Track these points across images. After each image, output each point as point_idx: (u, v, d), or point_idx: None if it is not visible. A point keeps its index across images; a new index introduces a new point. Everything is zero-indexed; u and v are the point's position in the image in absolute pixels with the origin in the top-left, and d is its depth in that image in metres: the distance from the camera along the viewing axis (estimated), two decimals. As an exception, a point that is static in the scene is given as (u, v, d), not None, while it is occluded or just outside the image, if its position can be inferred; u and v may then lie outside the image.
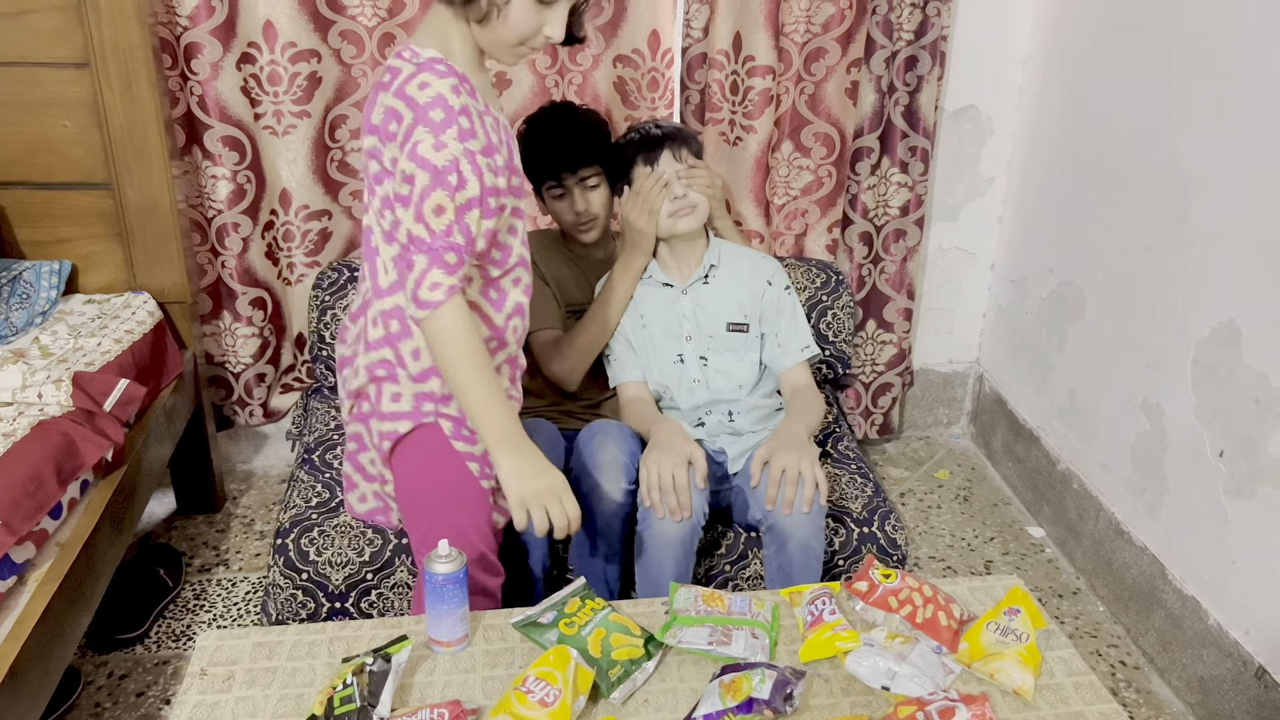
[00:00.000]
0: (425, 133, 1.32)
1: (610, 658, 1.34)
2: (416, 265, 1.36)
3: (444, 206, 1.34)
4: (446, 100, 1.33)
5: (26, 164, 2.16)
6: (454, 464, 1.52)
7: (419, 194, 1.33)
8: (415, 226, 1.35)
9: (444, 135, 1.32)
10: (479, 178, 1.36)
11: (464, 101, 1.35)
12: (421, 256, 1.35)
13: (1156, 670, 2.12)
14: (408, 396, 1.50)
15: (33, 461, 1.66)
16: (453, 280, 1.37)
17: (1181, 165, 2.05)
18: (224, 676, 1.36)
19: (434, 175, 1.33)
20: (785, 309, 1.98)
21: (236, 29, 2.24)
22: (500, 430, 1.43)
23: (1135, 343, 2.20)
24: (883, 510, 1.97)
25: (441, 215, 1.34)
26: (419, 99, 1.33)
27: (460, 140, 1.33)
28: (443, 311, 1.37)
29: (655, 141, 1.90)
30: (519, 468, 1.43)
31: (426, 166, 1.32)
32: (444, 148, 1.32)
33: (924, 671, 1.32)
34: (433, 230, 1.34)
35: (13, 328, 2.05)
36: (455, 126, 1.33)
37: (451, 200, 1.34)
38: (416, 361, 1.48)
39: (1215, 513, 1.95)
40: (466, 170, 1.34)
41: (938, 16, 2.42)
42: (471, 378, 1.41)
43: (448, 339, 1.39)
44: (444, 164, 1.33)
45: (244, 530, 2.51)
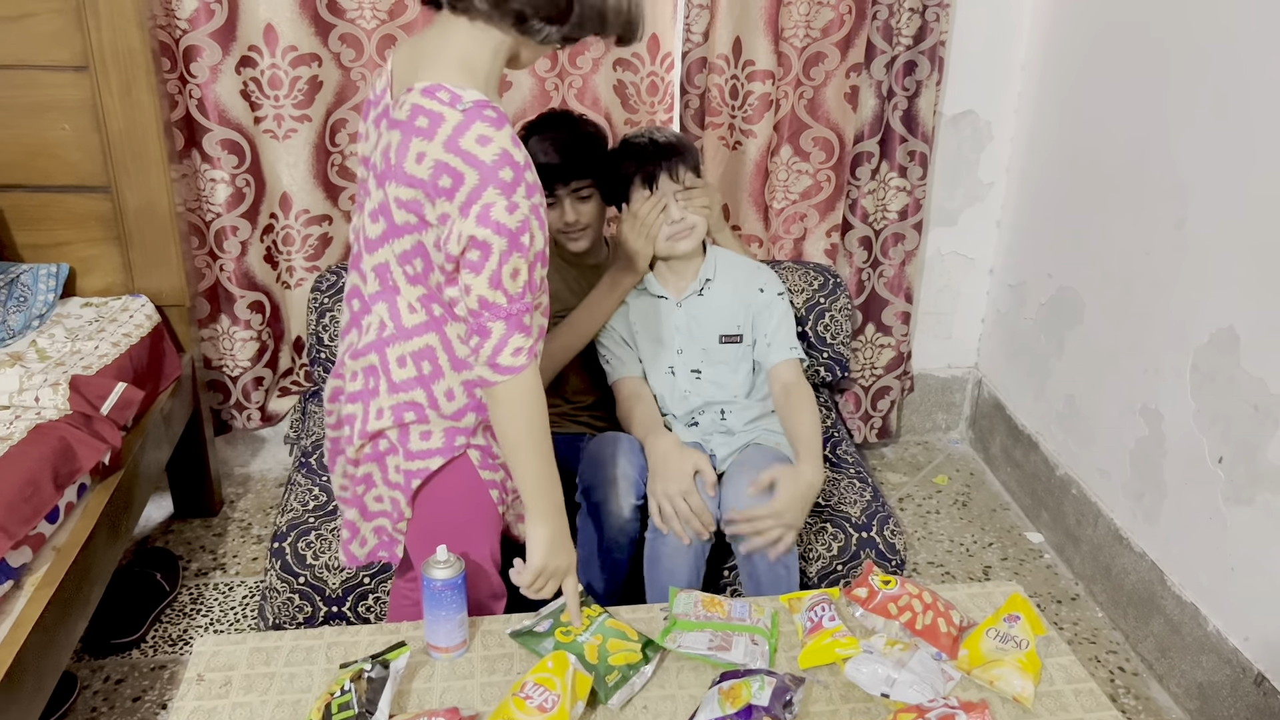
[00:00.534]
0: (497, 195, 1.23)
1: (607, 663, 1.34)
2: (494, 332, 1.29)
3: (520, 270, 1.27)
4: (512, 156, 1.24)
5: (25, 167, 2.16)
6: (478, 493, 1.47)
7: (497, 260, 1.25)
8: (492, 294, 1.27)
9: (515, 195, 1.24)
10: (544, 230, 1.30)
11: (525, 154, 1.27)
12: (499, 323, 1.29)
13: (1155, 676, 2.12)
14: (439, 434, 1.43)
15: (29, 465, 1.65)
16: (531, 341, 1.32)
17: (1180, 170, 2.05)
18: (221, 682, 1.35)
19: (510, 240, 1.25)
20: (776, 312, 1.98)
21: (236, 32, 2.24)
22: (549, 504, 1.41)
23: (1134, 348, 2.20)
24: (881, 515, 1.97)
25: (518, 278, 1.27)
26: (483, 156, 1.22)
27: (528, 197, 1.26)
28: (525, 377, 1.32)
29: (653, 161, 1.88)
30: (552, 542, 1.41)
31: (502, 232, 1.24)
32: (517, 209, 1.24)
33: (923, 678, 1.32)
34: (511, 295, 1.28)
35: (10, 331, 2.04)
36: (524, 184, 1.25)
37: (526, 260, 1.27)
38: (451, 402, 1.42)
39: (1214, 519, 1.95)
40: (535, 226, 1.27)
41: (936, 22, 2.43)
42: (535, 449, 1.38)
43: (522, 407, 1.35)
44: (517, 226, 1.25)
45: (241, 534, 2.51)
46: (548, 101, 2.40)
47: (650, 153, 1.90)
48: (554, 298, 2.04)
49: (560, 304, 2.05)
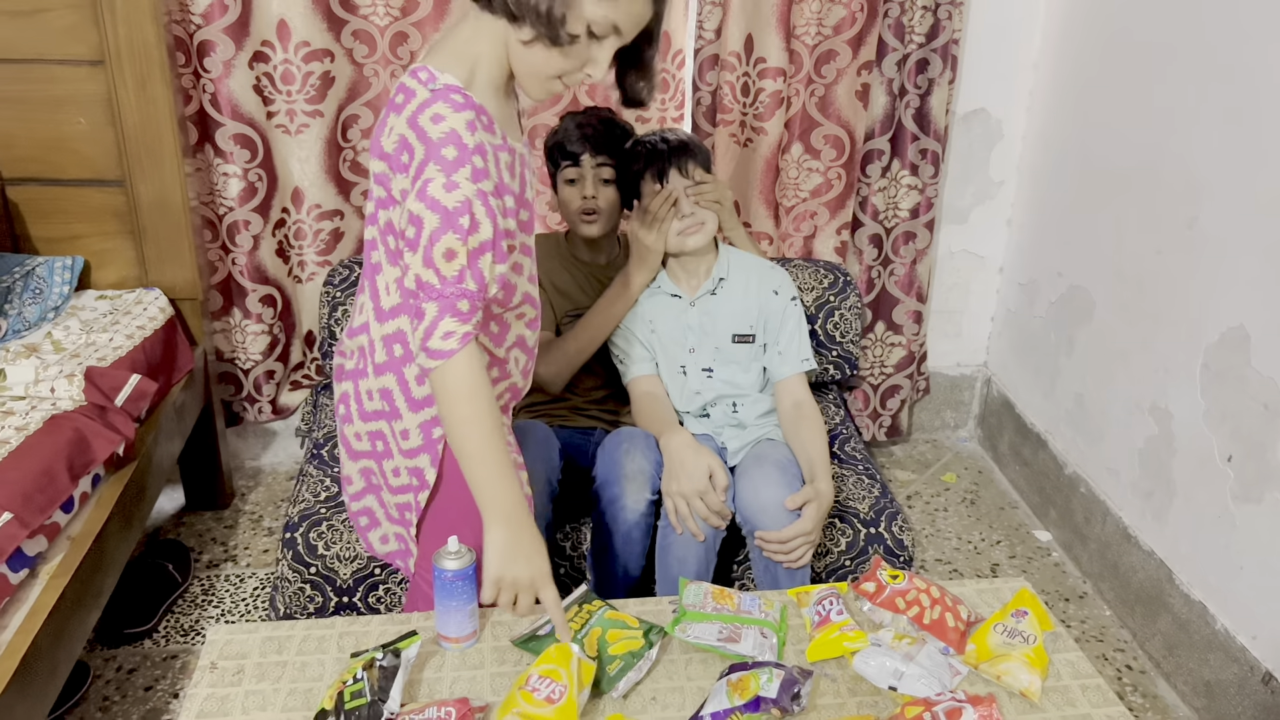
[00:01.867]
0: (437, 170, 1.23)
1: (608, 653, 1.34)
2: (427, 313, 1.27)
3: (455, 251, 1.25)
4: (461, 137, 1.24)
5: (41, 161, 2.18)
6: (460, 484, 1.45)
7: (428, 237, 1.24)
8: (425, 271, 1.26)
9: (456, 175, 1.23)
10: (492, 220, 1.27)
11: (480, 138, 1.26)
12: (432, 304, 1.26)
13: (1163, 674, 2.12)
14: (414, 430, 1.43)
15: (45, 455, 1.67)
16: (467, 328, 1.28)
17: (1191, 170, 2.05)
18: (234, 670, 1.36)
19: (444, 217, 1.24)
20: (790, 319, 1.99)
21: (250, 27, 2.25)
22: (501, 502, 1.34)
23: (1144, 347, 2.20)
24: (890, 511, 1.98)
25: (453, 260, 1.25)
26: (431, 133, 1.24)
27: (474, 180, 1.24)
28: (455, 362, 1.28)
29: (663, 158, 1.90)
30: (509, 547, 1.34)
31: (436, 208, 1.24)
32: (456, 188, 1.23)
33: (931, 672, 1.33)
34: (444, 276, 1.25)
35: (26, 322, 2.06)
36: (469, 166, 1.24)
37: (464, 244, 1.25)
38: (420, 387, 1.41)
39: (1223, 517, 1.95)
40: (480, 213, 1.26)
41: (949, 20, 2.43)
42: (480, 442, 1.32)
43: (459, 394, 1.30)
44: (455, 205, 1.24)
45: (252, 526, 2.52)
46: (558, 99, 2.41)
47: (660, 150, 1.91)
48: (566, 297, 2.06)
49: (572, 304, 2.06)
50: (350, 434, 1.51)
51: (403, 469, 1.47)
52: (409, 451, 1.45)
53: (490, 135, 1.30)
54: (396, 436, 1.45)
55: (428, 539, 1.53)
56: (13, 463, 1.62)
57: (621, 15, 1.26)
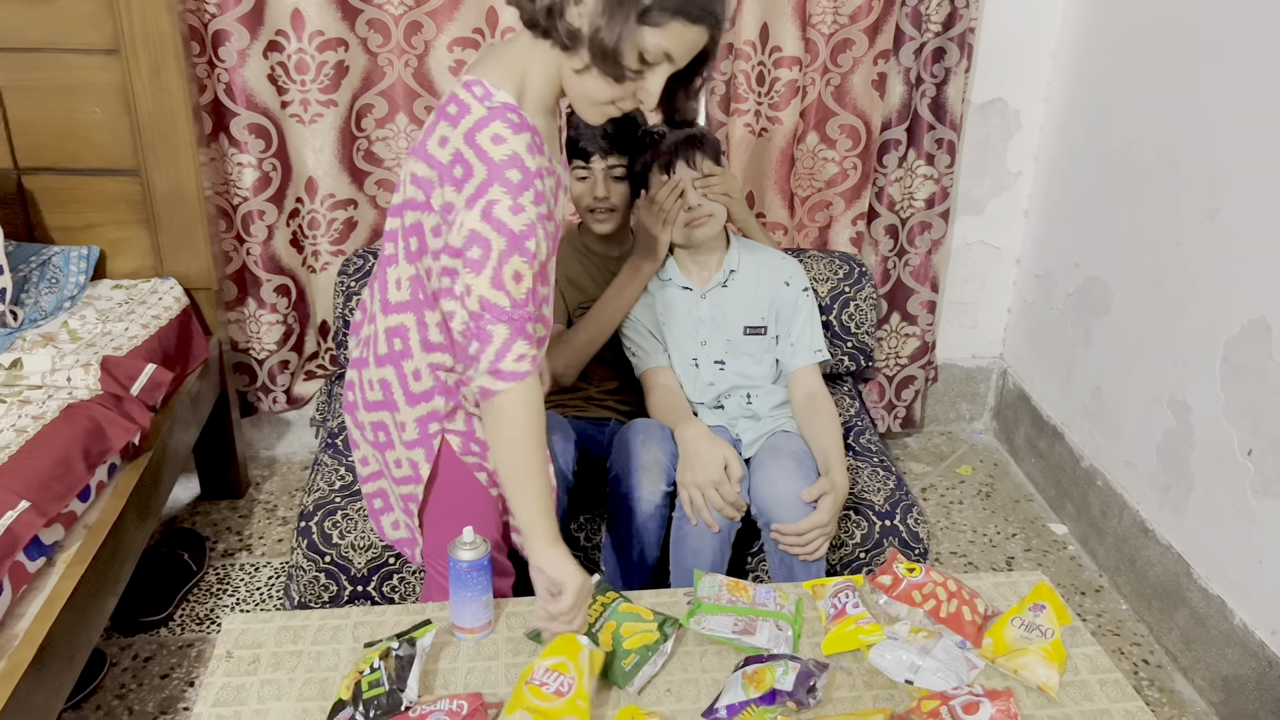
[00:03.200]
0: (503, 193, 1.24)
1: (622, 648, 1.34)
2: (496, 336, 1.27)
3: (522, 274, 1.26)
4: (523, 160, 1.24)
5: (56, 150, 2.18)
6: (464, 477, 1.48)
7: (496, 259, 1.25)
8: (494, 294, 1.26)
9: (522, 198, 1.24)
10: (549, 244, 1.31)
11: (540, 163, 1.27)
12: (502, 326, 1.27)
13: (1180, 669, 2.11)
14: (411, 424, 1.45)
15: (61, 444, 1.68)
16: (536, 351, 1.30)
17: (1212, 161, 2.03)
18: (249, 659, 1.37)
19: (512, 241, 1.24)
20: (802, 309, 1.97)
21: (264, 17, 2.25)
22: (548, 531, 1.35)
23: (1163, 339, 2.19)
24: (905, 503, 1.97)
25: (520, 283, 1.26)
26: (493, 154, 1.24)
27: (536, 204, 1.26)
28: (528, 385, 1.29)
29: (671, 149, 1.89)
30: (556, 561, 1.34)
31: (504, 231, 1.24)
32: (522, 211, 1.24)
33: (948, 666, 1.32)
34: (514, 299, 1.26)
35: (42, 312, 2.07)
36: (532, 190, 1.25)
37: (530, 268, 1.26)
38: (417, 382, 1.42)
39: (1242, 511, 1.94)
40: (540, 236, 1.27)
41: (966, 8, 2.41)
42: (533, 470, 1.34)
43: (521, 418, 1.31)
44: (522, 229, 1.24)
45: (266, 516, 2.53)
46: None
47: (668, 141, 1.90)
48: (578, 289, 2.05)
49: (585, 296, 2.06)
50: (359, 421, 1.53)
51: (404, 460, 1.49)
52: (407, 444, 1.47)
53: (543, 158, 1.29)
54: (395, 428, 1.47)
55: (429, 532, 1.55)
56: (30, 451, 1.63)
57: (674, 44, 1.24)
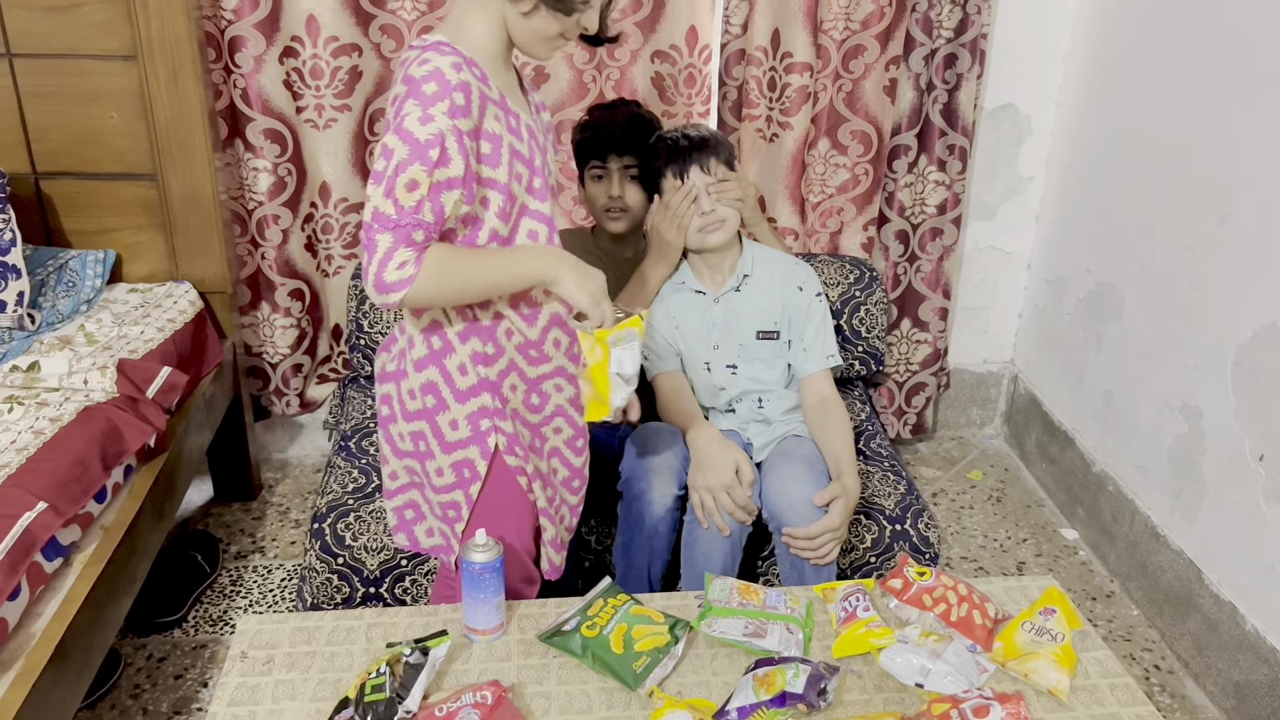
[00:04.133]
0: (414, 105, 1.24)
1: (633, 650, 1.34)
2: (380, 245, 1.24)
3: (418, 181, 1.23)
4: (444, 73, 1.24)
5: (74, 155, 2.20)
6: (505, 478, 1.48)
7: (394, 167, 1.23)
8: (384, 203, 1.24)
9: (433, 108, 1.23)
10: (464, 157, 1.26)
11: (464, 78, 1.26)
12: (386, 235, 1.24)
13: (1191, 675, 2.10)
14: (463, 422, 1.43)
15: (78, 446, 1.69)
16: (418, 254, 1.27)
17: (1224, 166, 2.03)
18: (264, 659, 1.38)
19: (414, 148, 1.23)
20: (815, 314, 1.98)
21: (280, 23, 2.27)
22: (542, 264, 1.37)
23: (1174, 344, 2.18)
24: (915, 508, 1.97)
25: (414, 190, 1.24)
26: (416, 74, 1.26)
27: (451, 115, 1.24)
28: (420, 281, 1.27)
29: (684, 153, 1.90)
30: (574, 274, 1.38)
31: (408, 139, 1.23)
32: (431, 121, 1.23)
33: (958, 669, 1.32)
34: (401, 206, 1.24)
35: (59, 315, 2.09)
36: (448, 100, 1.24)
37: (429, 176, 1.24)
38: (464, 377, 1.42)
39: (1254, 517, 1.93)
40: (452, 148, 1.24)
41: (978, 14, 2.41)
42: (487, 268, 1.34)
43: (435, 287, 1.29)
44: (427, 138, 1.23)
45: (279, 518, 2.55)
46: (585, 94, 2.41)
47: (682, 146, 1.90)
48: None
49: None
50: (394, 434, 1.51)
51: (446, 467, 1.47)
52: (457, 443, 1.45)
53: (483, 85, 1.30)
54: (444, 430, 1.45)
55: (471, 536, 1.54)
56: (47, 453, 1.64)
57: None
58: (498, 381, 1.44)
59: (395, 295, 1.27)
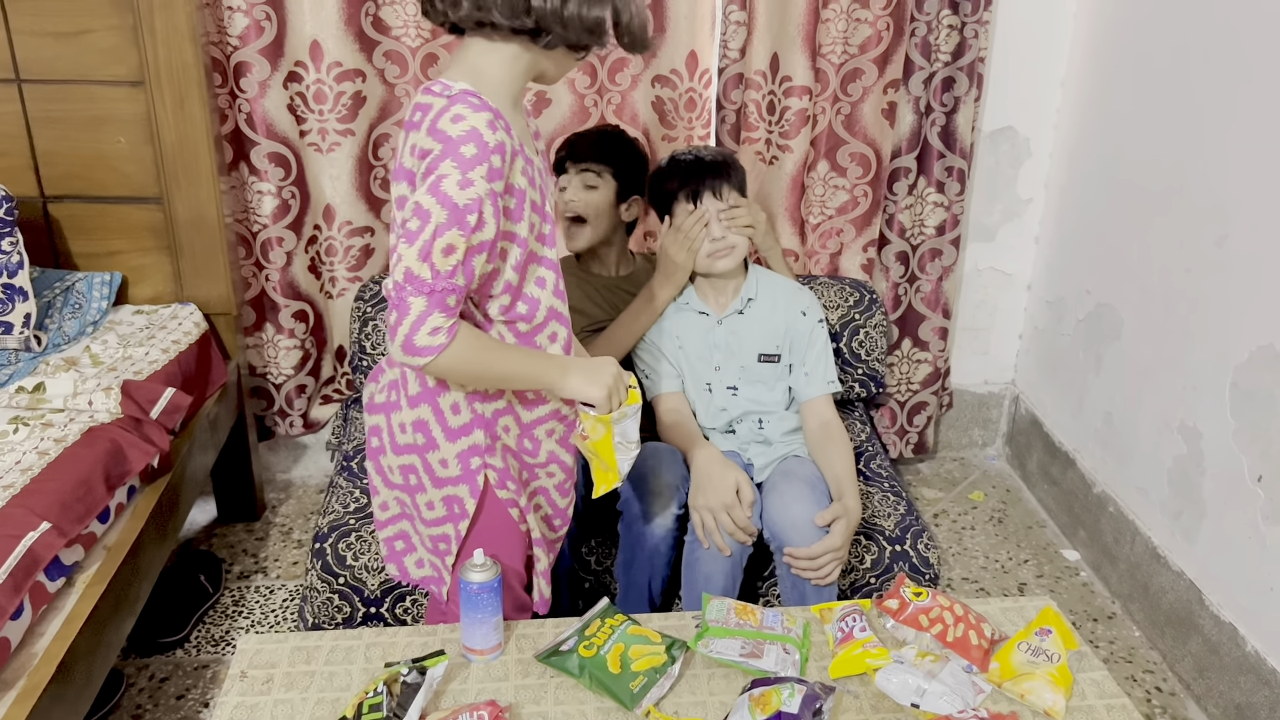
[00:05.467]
0: (453, 168, 1.23)
1: (630, 670, 1.35)
2: (413, 308, 1.25)
3: (455, 247, 1.24)
4: (481, 135, 1.23)
5: (81, 178, 2.23)
6: (496, 510, 1.48)
7: (432, 231, 1.23)
8: (419, 266, 1.24)
9: (472, 173, 1.23)
10: (496, 220, 1.27)
11: (500, 138, 1.26)
12: (420, 299, 1.25)
13: (1193, 697, 2.10)
14: (453, 461, 1.44)
15: (82, 466, 1.71)
16: (452, 321, 1.28)
17: (1222, 187, 2.04)
18: (263, 679, 1.39)
19: (453, 213, 1.23)
20: (817, 340, 2.00)
21: (284, 48, 2.30)
22: (551, 370, 1.40)
23: (1173, 365, 2.19)
24: (915, 529, 1.97)
25: (450, 256, 1.24)
26: (451, 132, 1.24)
27: (489, 180, 1.24)
28: (450, 354, 1.29)
29: (698, 178, 1.91)
30: (583, 377, 1.40)
31: (446, 204, 1.23)
32: (470, 186, 1.23)
33: (954, 690, 1.33)
34: (438, 272, 1.24)
35: (65, 336, 2.11)
36: (486, 164, 1.24)
37: (465, 241, 1.24)
38: (456, 416, 1.42)
39: (1254, 538, 1.93)
40: (488, 212, 1.25)
41: (976, 38, 2.43)
42: (506, 362, 1.37)
43: (464, 362, 1.32)
44: (466, 203, 1.23)
45: (282, 539, 2.56)
46: (587, 118, 2.44)
47: (695, 169, 1.92)
48: (581, 314, 2.08)
49: (588, 319, 2.09)
50: (384, 466, 1.51)
51: (437, 501, 1.47)
52: (448, 480, 1.45)
53: (509, 138, 1.30)
54: (434, 467, 1.45)
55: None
56: (51, 473, 1.66)
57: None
58: (492, 419, 1.44)
59: (422, 360, 1.28)
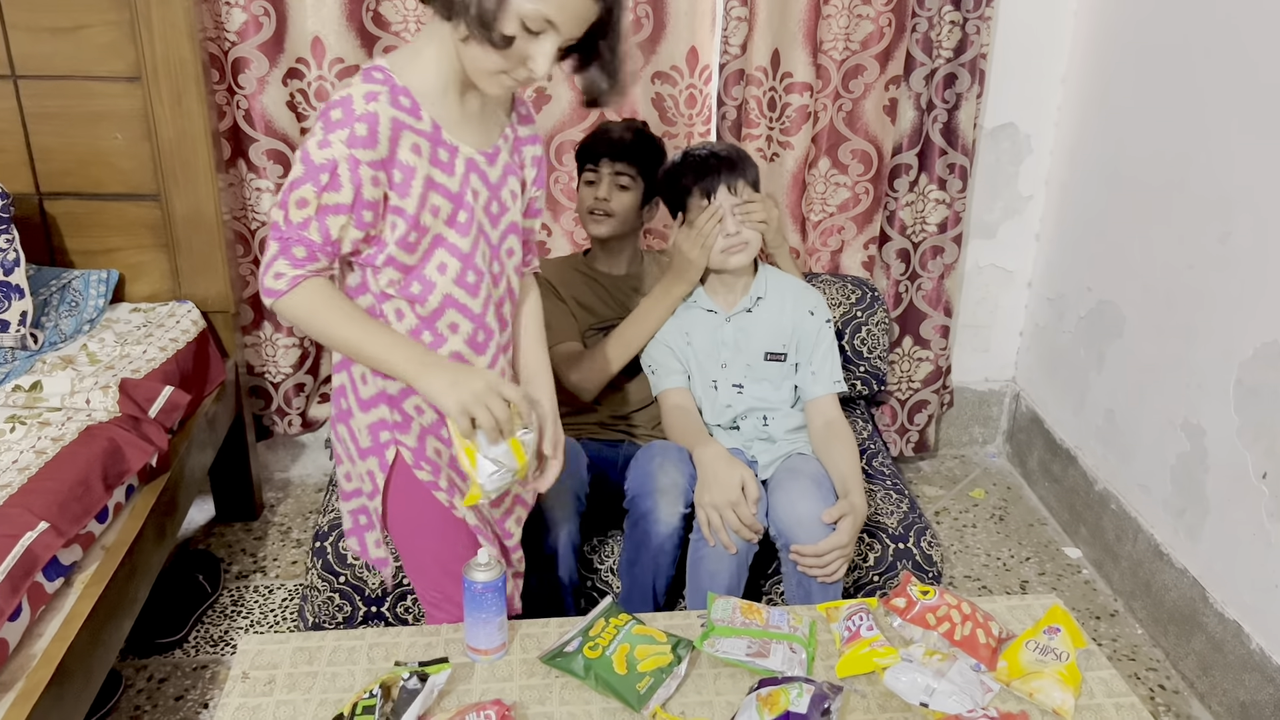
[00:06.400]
0: (319, 128, 1.29)
1: (636, 671, 1.34)
2: (269, 250, 1.33)
3: (307, 200, 1.29)
4: (351, 103, 1.27)
5: (78, 175, 2.21)
6: (419, 493, 1.47)
7: (290, 182, 1.30)
8: (276, 212, 1.32)
9: (332, 135, 1.27)
10: (356, 186, 1.28)
11: (374, 109, 1.27)
12: (274, 243, 1.32)
13: (1197, 695, 2.09)
14: (363, 432, 1.46)
15: (80, 466, 1.69)
16: (299, 272, 1.32)
17: (1224, 183, 2.03)
18: (265, 680, 1.37)
19: (308, 170, 1.28)
20: (824, 340, 1.99)
21: (284, 45, 2.28)
22: (408, 360, 1.35)
23: (1176, 362, 2.18)
24: (918, 526, 1.97)
25: (303, 209, 1.29)
26: (331, 99, 1.30)
27: (349, 145, 1.26)
28: (290, 300, 1.33)
29: (712, 173, 1.90)
30: (445, 379, 1.32)
31: (305, 160, 1.28)
32: (327, 146, 1.27)
33: (962, 689, 1.32)
34: (290, 220, 1.30)
35: (62, 334, 2.09)
36: (349, 129, 1.26)
37: (316, 198, 1.28)
38: (365, 386, 1.44)
39: (1258, 535, 1.93)
40: (344, 175, 1.28)
41: (977, 34, 2.43)
42: (349, 330, 1.36)
43: (303, 314, 1.35)
44: (321, 161, 1.27)
45: (281, 538, 2.54)
46: (586, 115, 2.42)
47: (710, 165, 1.91)
48: (588, 311, 2.07)
49: (595, 317, 2.08)
50: (340, 433, 1.53)
51: (354, 473, 1.51)
52: (362, 452, 1.48)
53: (407, 115, 1.30)
54: (358, 434, 1.47)
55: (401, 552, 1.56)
56: (49, 473, 1.65)
57: (554, 10, 1.23)
58: (398, 397, 1.43)
59: (268, 301, 1.35)
